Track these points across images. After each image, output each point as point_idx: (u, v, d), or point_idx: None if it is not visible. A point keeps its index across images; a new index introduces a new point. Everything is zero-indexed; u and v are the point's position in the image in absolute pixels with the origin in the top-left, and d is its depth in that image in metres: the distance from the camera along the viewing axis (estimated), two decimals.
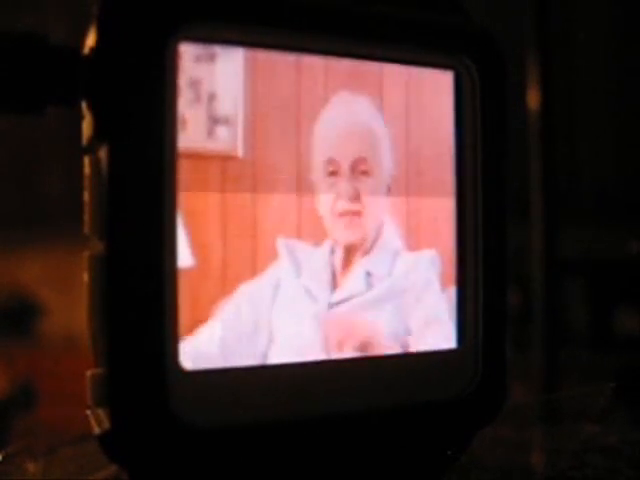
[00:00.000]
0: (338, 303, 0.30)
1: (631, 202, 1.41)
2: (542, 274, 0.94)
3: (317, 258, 0.29)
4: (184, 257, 0.26)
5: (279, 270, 0.29)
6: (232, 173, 0.28)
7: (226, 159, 0.28)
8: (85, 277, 0.27)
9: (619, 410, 0.46)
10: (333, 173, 0.30)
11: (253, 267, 0.28)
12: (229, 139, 0.28)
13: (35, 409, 1.61)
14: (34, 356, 1.83)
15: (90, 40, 0.26)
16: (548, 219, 0.94)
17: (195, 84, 0.27)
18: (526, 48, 0.95)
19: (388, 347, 0.30)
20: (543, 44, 0.95)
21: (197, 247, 0.27)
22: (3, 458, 0.37)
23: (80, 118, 0.27)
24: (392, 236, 0.31)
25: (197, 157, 0.27)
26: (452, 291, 0.31)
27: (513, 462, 0.38)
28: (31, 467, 0.37)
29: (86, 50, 0.26)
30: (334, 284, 0.30)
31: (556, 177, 0.97)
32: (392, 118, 0.31)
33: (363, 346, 0.30)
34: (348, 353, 0.29)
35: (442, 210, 0.31)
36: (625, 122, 1.48)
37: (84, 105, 0.26)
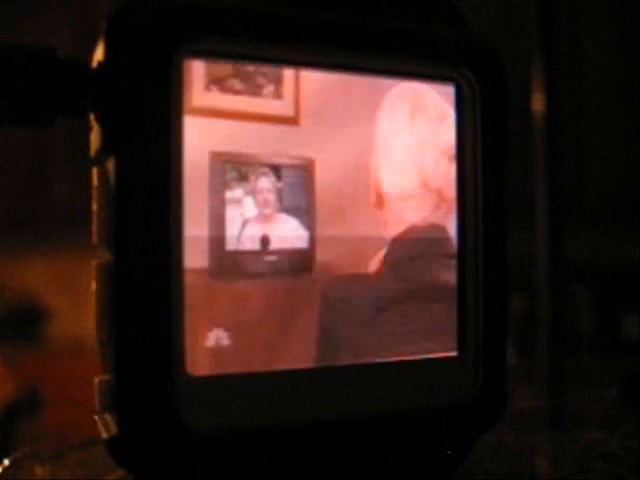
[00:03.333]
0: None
1: (636, 208, 1.41)
2: (548, 280, 0.94)
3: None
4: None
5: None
6: None
7: None
8: (93, 285, 0.28)
9: (623, 416, 0.46)
10: None
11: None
12: None
13: (42, 413, 1.62)
14: (41, 361, 1.84)
15: (98, 54, 0.26)
16: (553, 225, 0.94)
17: None
18: (532, 55, 0.95)
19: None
20: (548, 51, 0.96)
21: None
22: (11, 462, 0.37)
23: (88, 130, 0.28)
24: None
25: None
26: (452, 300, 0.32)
27: (517, 468, 0.38)
28: (39, 471, 0.37)
29: (94, 64, 0.26)
30: None
31: (561, 183, 0.97)
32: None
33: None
34: (350, 360, 0.30)
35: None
36: (631, 128, 1.48)
37: (92, 117, 0.27)
